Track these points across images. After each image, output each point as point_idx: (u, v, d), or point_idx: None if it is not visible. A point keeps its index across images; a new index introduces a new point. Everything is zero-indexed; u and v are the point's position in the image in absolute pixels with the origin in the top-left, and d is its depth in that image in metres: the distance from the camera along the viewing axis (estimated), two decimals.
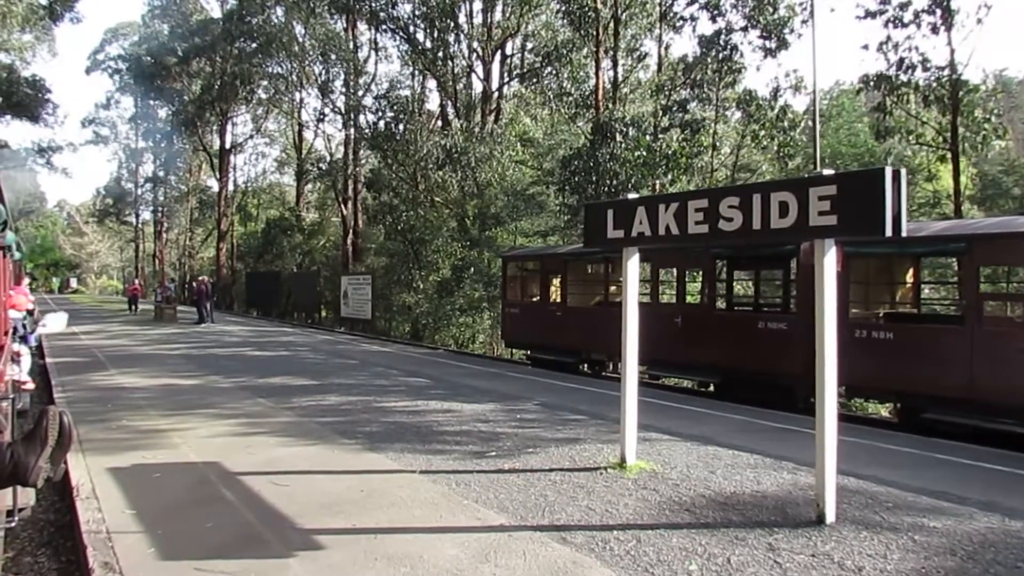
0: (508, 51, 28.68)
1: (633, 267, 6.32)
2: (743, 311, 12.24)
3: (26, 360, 10.66)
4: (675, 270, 12.34)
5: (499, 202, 23.05)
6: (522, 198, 23.14)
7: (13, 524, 3.29)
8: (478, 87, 28.71)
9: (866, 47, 14.77)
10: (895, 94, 14.10)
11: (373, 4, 27.44)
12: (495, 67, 28.14)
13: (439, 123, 31.49)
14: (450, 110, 29.89)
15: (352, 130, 35.60)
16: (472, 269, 22.82)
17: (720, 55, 18.04)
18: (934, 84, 13.79)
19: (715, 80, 18.43)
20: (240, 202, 50.12)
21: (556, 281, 14.62)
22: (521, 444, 7.26)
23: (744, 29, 17.91)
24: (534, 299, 15.25)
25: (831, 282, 4.80)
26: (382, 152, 26.87)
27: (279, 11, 36.72)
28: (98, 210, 64.27)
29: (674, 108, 18.14)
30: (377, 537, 4.62)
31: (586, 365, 14.37)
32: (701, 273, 12.02)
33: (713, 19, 18.08)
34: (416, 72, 34.06)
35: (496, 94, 27.99)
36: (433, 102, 35.12)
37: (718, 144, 19.09)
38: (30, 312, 12.19)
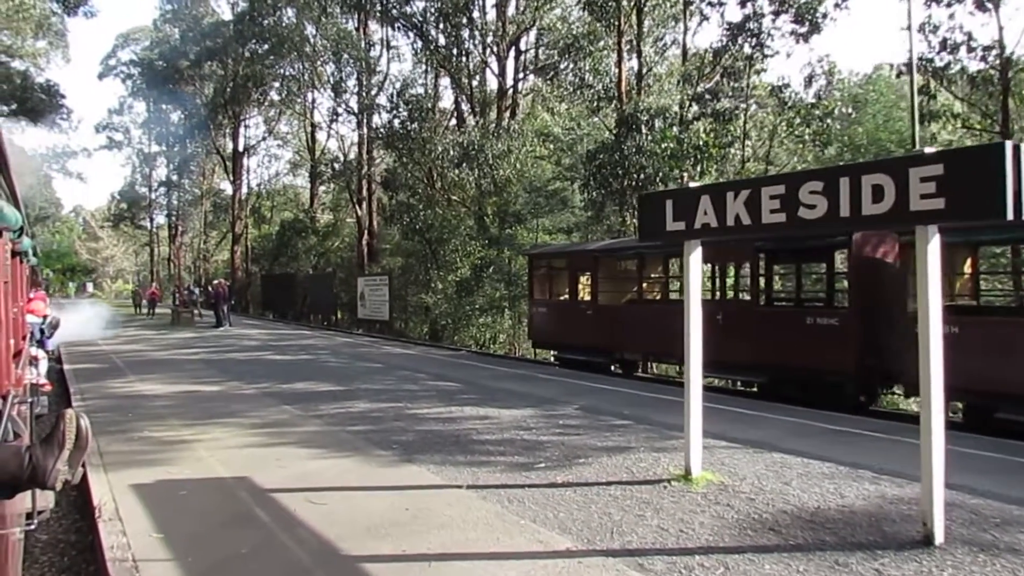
0: (524, 46, 28.17)
1: (696, 262, 5.81)
2: (789, 307, 11.68)
3: (43, 364, 10.60)
4: (713, 265, 11.81)
5: (519, 199, 22.54)
6: (543, 194, 22.60)
7: (33, 526, 3.22)
8: (493, 83, 28.27)
9: (908, 27, 14.15)
10: (939, 77, 13.48)
11: (386, 1, 26.99)
12: (510, 62, 27.64)
13: (453, 121, 31.05)
14: (465, 107, 29.44)
15: (365, 130, 35.26)
16: (492, 268, 22.33)
17: (751, 41, 17.40)
18: (981, 65, 13.15)
19: (745, 68, 17.81)
20: (254, 204, 49.90)
21: (586, 279, 14.12)
22: (569, 453, 6.78)
23: (775, 14, 17.26)
24: (562, 298, 14.75)
25: (935, 274, 4.28)
26: (398, 151, 26.44)
27: (290, 12, 36.40)
28: (113, 215, 64.42)
29: (706, 97, 17.55)
30: (432, 565, 4.15)
31: (617, 365, 13.87)
32: (740, 268, 11.48)
33: (743, 3, 17.43)
34: (429, 70, 33.64)
35: (512, 90, 27.49)
36: (446, 100, 34.71)
37: (749, 133, 18.45)
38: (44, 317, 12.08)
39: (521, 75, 28.19)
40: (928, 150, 4.25)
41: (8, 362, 3.93)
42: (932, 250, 4.25)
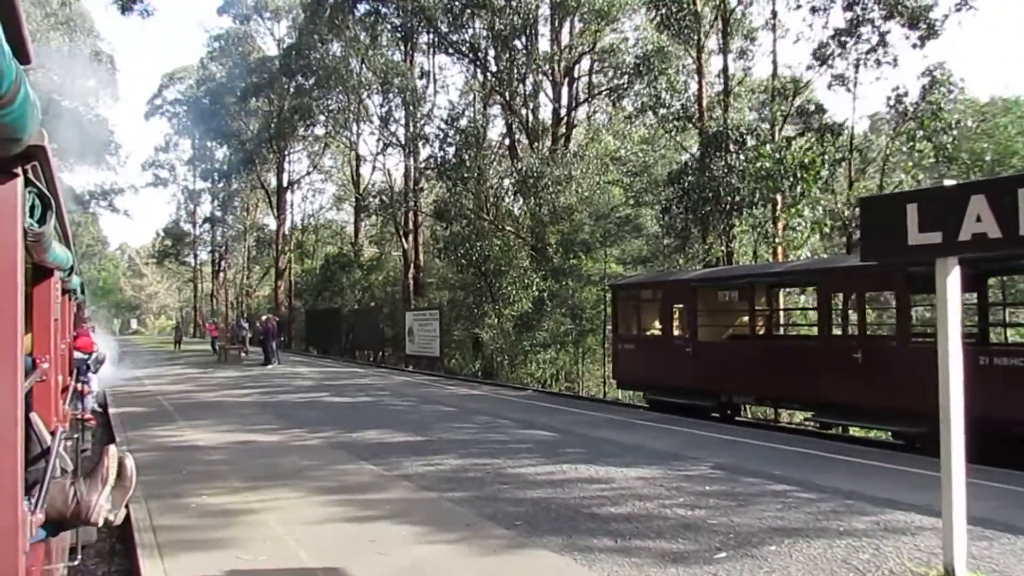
0: (579, 72, 27.13)
1: (954, 286, 4.31)
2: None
3: (89, 399, 10.44)
4: (846, 295, 10.22)
5: (586, 227, 21.12)
6: (613, 221, 21.14)
7: (76, 562, 3.23)
8: (548, 109, 27.21)
9: None
10: None
11: (440, 27, 26.25)
12: (573, 85, 26.59)
13: (506, 150, 30.04)
14: (518, 135, 28.39)
15: (412, 161, 34.49)
16: (555, 300, 20.89)
17: (862, 48, 15.89)
18: None
19: (853, 78, 16.26)
20: (298, 239, 49.45)
21: (682, 311, 12.59)
22: (748, 537, 5.24)
23: (886, 18, 15.69)
24: (654, 333, 13.19)
25: None
26: (451, 180, 25.38)
27: (335, 47, 36.03)
28: (157, 251, 64.65)
29: (811, 111, 16.06)
30: None
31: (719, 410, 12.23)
32: (886, 297, 9.88)
33: (849, 6, 15.89)
34: (478, 98, 32.80)
35: (573, 113, 26.40)
36: (495, 131, 33.81)
37: (858, 149, 16.83)
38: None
39: (585, 97, 27.08)
40: None
41: (57, 399, 3.89)
42: None
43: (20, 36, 1.32)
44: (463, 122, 26.69)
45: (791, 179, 14.24)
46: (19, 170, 1.66)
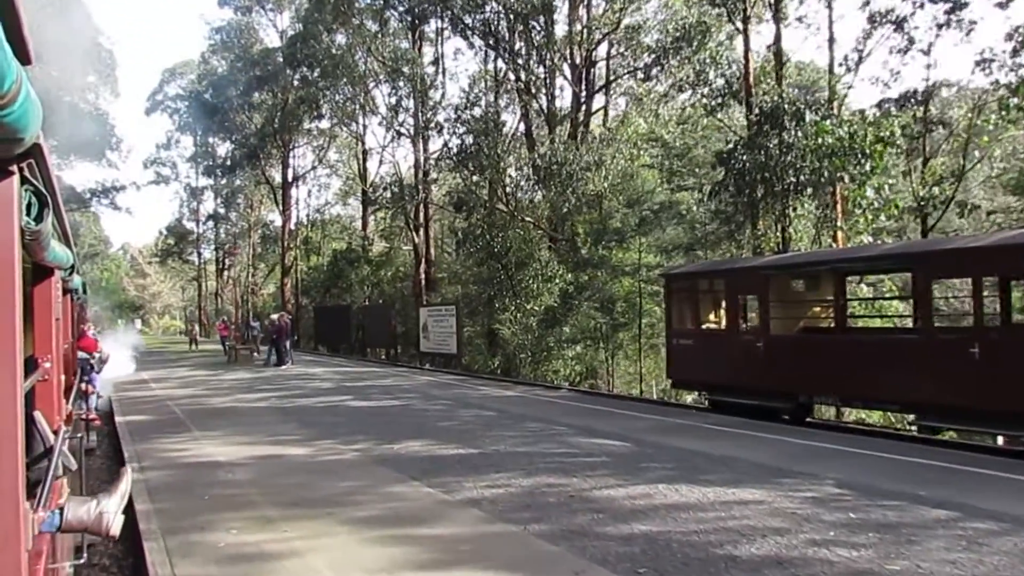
0: (610, 49, 25.84)
1: None
2: None
3: (93, 398, 10.28)
4: (962, 281, 8.98)
5: (618, 215, 19.85)
6: (649, 208, 19.87)
7: (83, 560, 3.12)
8: (568, 93, 25.91)
9: None
10: None
11: (453, 8, 24.97)
12: (594, 68, 25.33)
13: (522, 138, 28.80)
14: (537, 121, 27.11)
15: (422, 153, 33.28)
16: (583, 294, 19.64)
17: (939, 8, 14.58)
18: None
19: (930, 43, 14.90)
20: (305, 235, 48.23)
21: (751, 303, 11.35)
22: None
23: None
24: (717, 327, 11.94)
25: None
26: (468, 171, 24.11)
27: (340, 36, 34.72)
28: (160, 250, 63.53)
29: (889, 80, 14.78)
30: None
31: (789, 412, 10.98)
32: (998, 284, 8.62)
33: None
34: (494, 84, 31.53)
35: (594, 97, 25.14)
36: (510, 117, 32.56)
37: (945, 121, 15.51)
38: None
39: (600, 84, 25.80)
40: None
41: (60, 398, 3.92)
42: None
43: (21, 36, 1.33)
44: (477, 110, 25.42)
45: (860, 156, 12.96)
46: (15, 167, 1.62)
